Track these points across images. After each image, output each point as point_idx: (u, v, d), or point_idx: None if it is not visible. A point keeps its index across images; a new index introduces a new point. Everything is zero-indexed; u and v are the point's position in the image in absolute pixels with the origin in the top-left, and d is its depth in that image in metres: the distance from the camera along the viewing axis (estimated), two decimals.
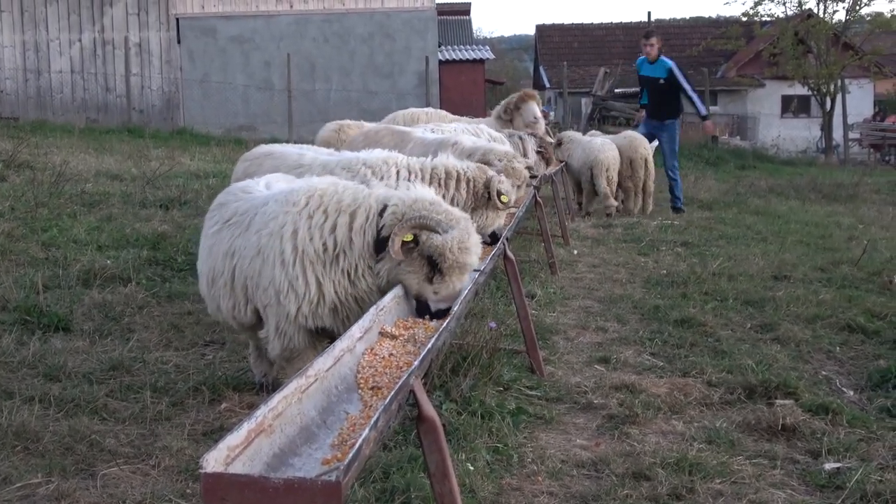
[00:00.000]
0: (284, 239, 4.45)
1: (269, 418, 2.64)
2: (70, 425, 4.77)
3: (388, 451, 4.58)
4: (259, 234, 4.59)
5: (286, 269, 4.43)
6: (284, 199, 4.62)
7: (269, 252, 4.50)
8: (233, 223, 4.90)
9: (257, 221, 4.65)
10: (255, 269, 4.57)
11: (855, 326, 7.48)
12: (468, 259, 4.26)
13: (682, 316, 7.63)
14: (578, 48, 49.04)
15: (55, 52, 28.09)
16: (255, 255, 4.56)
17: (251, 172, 6.82)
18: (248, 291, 4.67)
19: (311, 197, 4.52)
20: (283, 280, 4.44)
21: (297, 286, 4.41)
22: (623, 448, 4.97)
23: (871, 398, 5.95)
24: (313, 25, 28.25)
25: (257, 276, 4.56)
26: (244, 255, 4.65)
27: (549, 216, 12.04)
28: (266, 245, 4.53)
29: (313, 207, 4.46)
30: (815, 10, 35.73)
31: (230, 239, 4.82)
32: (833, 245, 11.67)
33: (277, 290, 4.48)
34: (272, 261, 4.49)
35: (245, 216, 4.81)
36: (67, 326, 6.54)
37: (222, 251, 4.85)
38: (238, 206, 4.98)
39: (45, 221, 9.69)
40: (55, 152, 16.38)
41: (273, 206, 4.65)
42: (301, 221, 4.44)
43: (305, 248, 4.38)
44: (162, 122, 27.31)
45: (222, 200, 5.22)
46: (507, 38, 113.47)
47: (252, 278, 4.60)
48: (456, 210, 4.38)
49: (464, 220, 4.33)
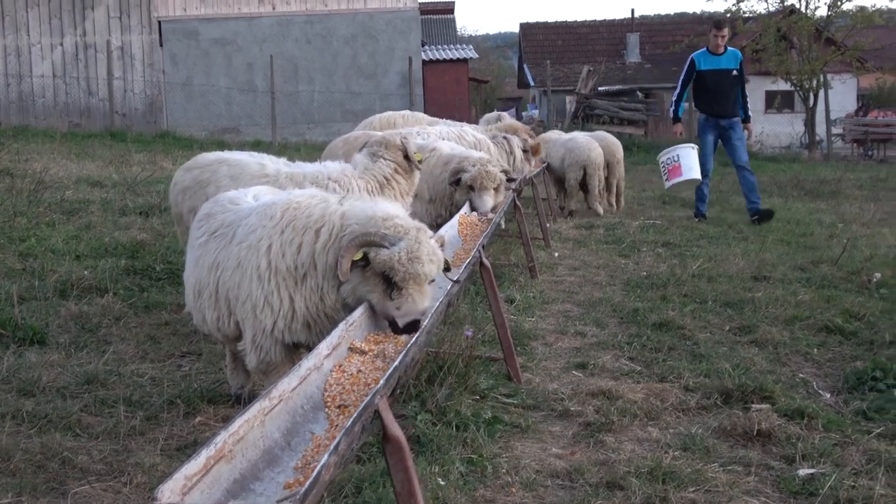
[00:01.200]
0: (260, 253, 4.44)
1: (230, 443, 2.63)
2: (42, 442, 4.75)
3: (361, 464, 4.57)
4: (239, 247, 4.58)
5: (262, 283, 4.42)
6: (263, 213, 4.62)
7: (248, 266, 4.49)
8: (218, 235, 4.89)
9: (239, 234, 4.64)
10: (235, 282, 4.56)
11: (833, 327, 7.50)
12: (420, 269, 4.15)
13: (661, 319, 7.64)
14: (562, 46, 49.12)
15: (37, 56, 28.00)
16: (236, 268, 4.55)
17: (204, 179, 6.77)
18: (231, 304, 4.66)
19: (286, 211, 4.51)
20: (260, 294, 4.43)
21: (272, 301, 4.40)
22: (598, 456, 4.97)
23: (847, 401, 5.96)
24: (296, 27, 28.23)
25: (237, 288, 4.55)
26: (227, 267, 4.64)
27: (530, 217, 12.07)
28: (245, 258, 4.52)
29: (286, 222, 4.45)
30: (798, 6, 35.80)
31: (215, 251, 4.81)
32: (814, 243, 11.69)
33: (254, 304, 4.47)
34: (249, 274, 4.48)
35: (230, 228, 4.80)
36: (43, 339, 6.50)
37: (208, 263, 4.84)
38: (224, 218, 4.97)
39: (23, 231, 9.66)
40: (36, 158, 16.33)
41: (253, 218, 4.65)
42: (275, 236, 4.43)
43: (278, 264, 4.38)
44: (145, 126, 27.24)
45: (209, 211, 5.20)
46: (491, 35, 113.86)
47: (232, 290, 4.59)
48: (409, 221, 4.31)
49: (414, 230, 4.24)
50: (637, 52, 47.42)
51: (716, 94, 13.73)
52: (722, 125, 13.80)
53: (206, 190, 6.63)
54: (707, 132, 13.90)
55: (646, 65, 46.35)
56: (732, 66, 13.79)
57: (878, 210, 15.48)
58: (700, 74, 13.87)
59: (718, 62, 13.78)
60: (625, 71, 45.23)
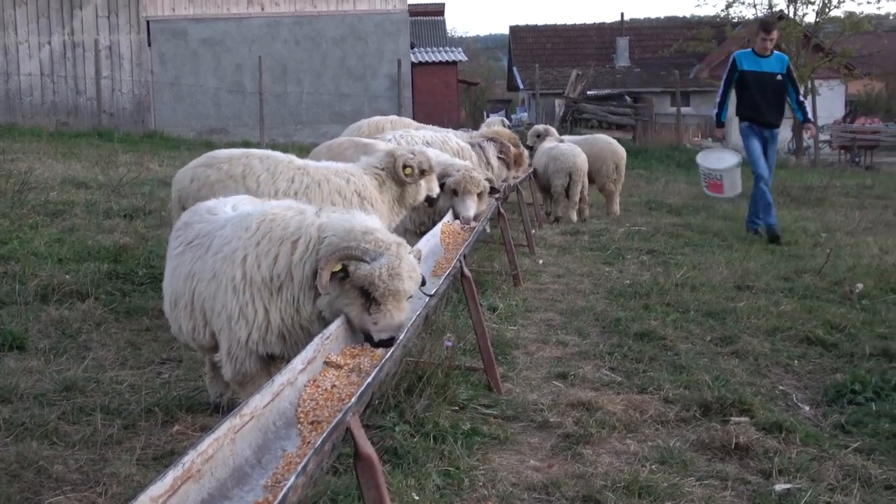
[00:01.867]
0: (235, 264, 4.43)
1: (198, 463, 2.62)
2: (18, 451, 4.72)
3: (337, 476, 4.56)
4: (215, 258, 4.57)
5: (237, 294, 4.41)
6: (238, 224, 4.60)
7: (223, 277, 4.48)
8: (194, 245, 4.87)
9: (215, 245, 4.62)
10: (210, 293, 4.55)
11: (814, 339, 7.51)
12: (400, 285, 4.14)
13: (643, 329, 7.65)
14: (552, 49, 49.19)
15: (24, 54, 27.91)
16: (211, 279, 4.54)
17: (238, 173, 6.90)
18: (206, 315, 4.64)
19: (262, 222, 4.50)
20: (235, 306, 4.42)
21: (246, 312, 4.39)
22: (575, 469, 4.97)
23: (826, 414, 5.98)
24: (284, 28, 28.20)
25: (212, 299, 4.53)
26: (202, 278, 4.62)
27: (515, 224, 12.07)
28: (220, 269, 4.51)
29: (262, 234, 4.43)
30: (786, 12, 35.89)
31: (191, 261, 4.79)
32: (798, 252, 11.72)
33: (229, 316, 4.45)
34: (224, 286, 4.46)
35: (206, 239, 4.78)
36: (22, 345, 6.47)
37: (184, 273, 4.82)
38: (201, 228, 4.95)
39: (6, 233, 9.61)
40: (22, 158, 16.27)
41: (229, 229, 4.64)
42: (251, 248, 4.42)
43: (253, 276, 4.36)
44: (133, 125, 27.17)
45: (187, 220, 5.18)
46: (482, 37, 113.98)
47: (208, 301, 4.58)
48: (390, 236, 4.29)
49: (395, 245, 4.22)
50: (626, 56, 47.52)
51: (759, 99, 12.77)
52: (765, 135, 12.92)
53: (244, 183, 6.76)
54: (751, 137, 12.89)
55: (635, 69, 46.43)
56: (778, 69, 12.81)
57: (863, 218, 15.55)
58: (742, 75, 12.85)
59: (762, 64, 12.80)
60: (614, 75, 45.29)
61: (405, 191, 7.25)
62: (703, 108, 42.45)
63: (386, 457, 4.86)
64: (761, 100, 12.73)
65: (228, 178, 6.82)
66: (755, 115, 12.83)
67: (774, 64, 12.80)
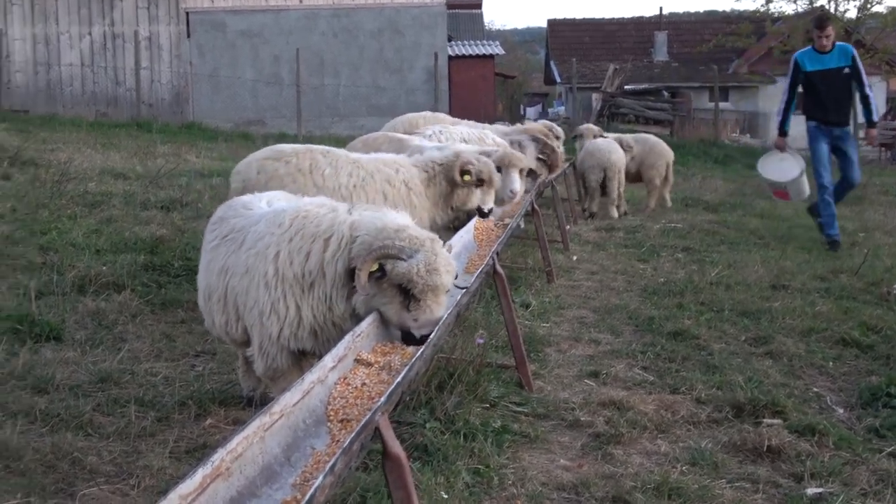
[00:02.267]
0: (268, 260, 4.46)
1: (227, 461, 2.64)
2: (53, 442, 4.78)
3: (367, 472, 4.57)
4: (248, 254, 4.60)
5: (269, 290, 4.43)
6: (272, 220, 4.63)
7: (255, 272, 4.51)
8: (229, 239, 4.91)
9: (248, 240, 4.66)
10: (243, 288, 4.58)
11: (849, 340, 7.44)
12: (438, 280, 4.16)
13: (677, 328, 7.61)
14: (590, 43, 48.93)
15: (65, 45, 28.19)
16: (244, 274, 4.57)
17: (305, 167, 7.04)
18: (239, 309, 4.68)
19: (295, 219, 4.53)
20: (267, 301, 4.45)
21: (278, 308, 4.42)
22: (605, 470, 4.96)
23: (860, 417, 5.93)
24: (322, 20, 28.28)
25: (245, 294, 4.57)
26: (235, 272, 4.66)
27: (550, 219, 12.05)
28: (253, 265, 4.54)
29: (295, 230, 4.46)
30: (827, 7, 35.49)
31: (225, 255, 4.83)
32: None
33: (261, 311, 4.48)
34: (257, 281, 4.50)
35: (240, 234, 4.82)
36: (59, 336, 6.54)
37: (217, 268, 4.87)
38: (236, 223, 4.99)
39: (45, 224, 9.71)
40: (62, 148, 16.45)
41: (262, 225, 4.67)
42: (283, 244, 4.44)
43: (285, 272, 4.39)
44: (171, 116, 27.37)
45: (222, 215, 5.22)
46: (519, 30, 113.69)
47: (241, 296, 4.62)
48: (423, 232, 4.30)
49: (429, 241, 4.24)
50: (664, 51, 47.18)
51: (827, 98, 11.97)
52: (836, 134, 12.11)
53: (311, 177, 6.89)
54: (819, 139, 12.14)
55: (673, 64, 46.10)
56: (844, 63, 11.95)
57: None
58: (807, 77, 12.05)
59: (826, 61, 11.95)
60: (652, 70, 45.01)
61: (454, 192, 7.20)
62: (741, 104, 42.17)
63: (416, 454, 4.88)
64: (830, 98, 11.97)
65: (297, 171, 6.95)
66: (823, 114, 12.09)
67: (839, 58, 11.99)
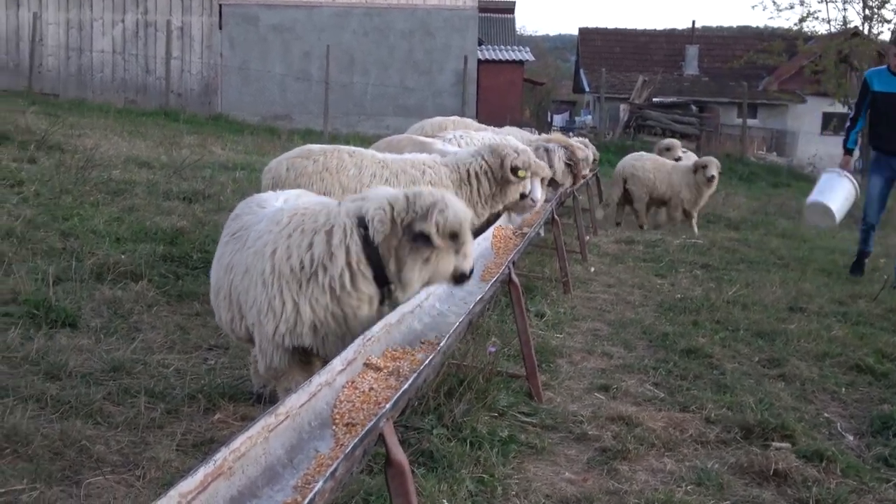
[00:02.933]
0: (265, 258, 4.48)
1: (230, 460, 2.65)
2: (62, 429, 4.81)
3: (372, 475, 4.58)
4: (248, 253, 4.64)
5: (266, 288, 4.45)
6: (271, 218, 4.67)
7: (254, 271, 4.54)
8: (236, 237, 4.93)
9: (250, 239, 4.69)
10: (244, 287, 4.61)
11: (864, 367, 7.40)
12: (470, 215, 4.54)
13: (690, 345, 7.59)
14: (620, 53, 48.88)
15: (98, 31, 28.37)
16: (245, 273, 4.61)
17: (332, 166, 7.20)
18: (242, 308, 4.70)
19: (294, 216, 4.56)
20: (264, 299, 4.47)
21: (274, 305, 4.43)
22: (610, 485, 4.95)
23: (870, 445, 5.89)
24: (354, 18, 28.35)
25: (245, 294, 4.60)
26: (238, 271, 4.69)
27: (570, 228, 12.04)
28: (251, 263, 4.57)
29: (293, 227, 4.49)
30: (861, 29, 35.34)
31: (231, 253, 4.86)
32: (855, 276, 11.54)
33: (259, 310, 4.51)
34: (255, 280, 4.52)
35: (246, 232, 4.84)
36: (74, 323, 6.58)
37: (224, 264, 4.89)
38: (246, 221, 5.01)
39: (68, 209, 9.78)
40: (89, 134, 16.55)
41: (263, 224, 4.70)
42: (280, 240, 4.47)
43: (281, 268, 4.40)
44: (199, 107, 27.52)
45: (239, 211, 5.25)
46: (551, 37, 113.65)
47: (242, 295, 4.64)
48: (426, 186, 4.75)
49: (439, 191, 4.58)
50: (695, 65, 47.08)
51: (890, 124, 11.00)
52: (894, 167, 11.22)
53: (338, 177, 7.05)
54: (876, 171, 11.35)
55: (703, 78, 45.99)
56: None
57: None
58: (873, 97, 11.14)
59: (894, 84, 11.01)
60: (681, 83, 44.91)
61: (507, 190, 7.34)
62: (769, 122, 42.01)
63: (421, 459, 4.89)
64: (891, 124, 11.00)
65: (324, 170, 7.08)
66: (883, 143, 11.21)
67: None
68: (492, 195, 7.33)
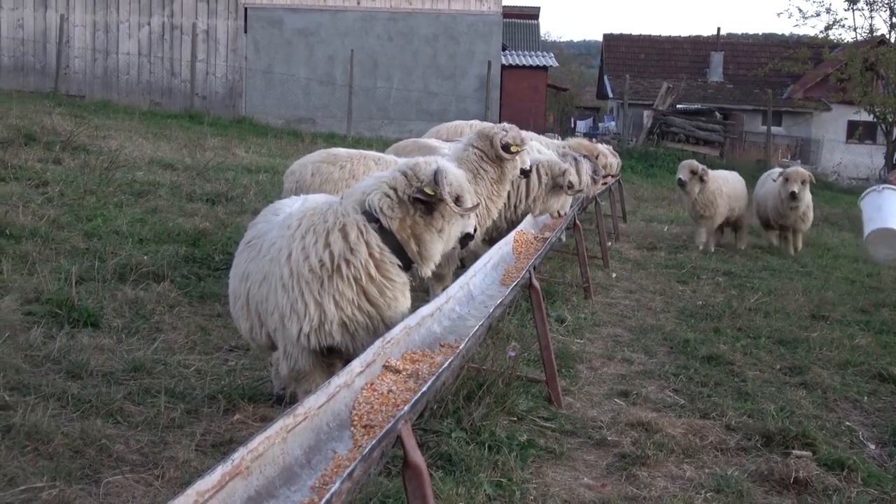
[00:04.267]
0: (281, 263, 4.51)
1: (248, 460, 2.66)
2: (82, 428, 4.84)
3: (391, 478, 4.58)
4: (263, 261, 4.67)
5: (287, 292, 4.47)
6: (283, 224, 4.70)
7: (272, 277, 4.56)
8: (251, 245, 4.96)
9: (264, 247, 4.72)
10: (263, 295, 4.63)
11: (886, 376, 7.36)
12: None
13: (711, 352, 7.56)
14: (645, 59, 48.67)
15: (124, 33, 28.51)
16: (262, 281, 4.64)
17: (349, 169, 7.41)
18: (261, 316, 4.72)
19: (303, 219, 4.58)
20: (286, 304, 4.48)
21: (297, 308, 4.45)
22: (629, 491, 4.93)
23: (892, 454, 5.85)
24: (379, 23, 28.38)
25: (265, 301, 4.61)
26: (255, 280, 4.71)
27: (592, 234, 12.01)
28: (269, 270, 4.60)
29: (304, 229, 4.51)
30: (887, 37, 35.08)
31: (246, 262, 4.89)
32: (879, 284, 11.48)
33: (281, 314, 4.52)
34: (274, 286, 4.54)
35: (260, 240, 4.87)
36: (96, 322, 6.62)
37: (240, 273, 4.93)
38: (260, 228, 5.04)
39: (91, 210, 9.84)
40: (113, 136, 16.64)
41: (275, 231, 4.73)
42: (294, 244, 4.49)
43: (300, 270, 4.42)
44: (223, 110, 27.61)
45: (257, 219, 5.28)
46: (575, 42, 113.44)
47: (262, 303, 4.66)
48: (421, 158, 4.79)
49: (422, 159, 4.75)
50: (720, 72, 46.82)
51: None
52: None
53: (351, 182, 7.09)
54: None
55: (728, 85, 45.76)
56: None
57: None
58: None
59: None
60: (706, 90, 44.71)
61: (505, 168, 7.42)
62: (793, 130, 41.75)
63: (440, 462, 4.89)
64: None
65: (350, 176, 7.13)
66: None
67: None
68: (497, 178, 7.41)
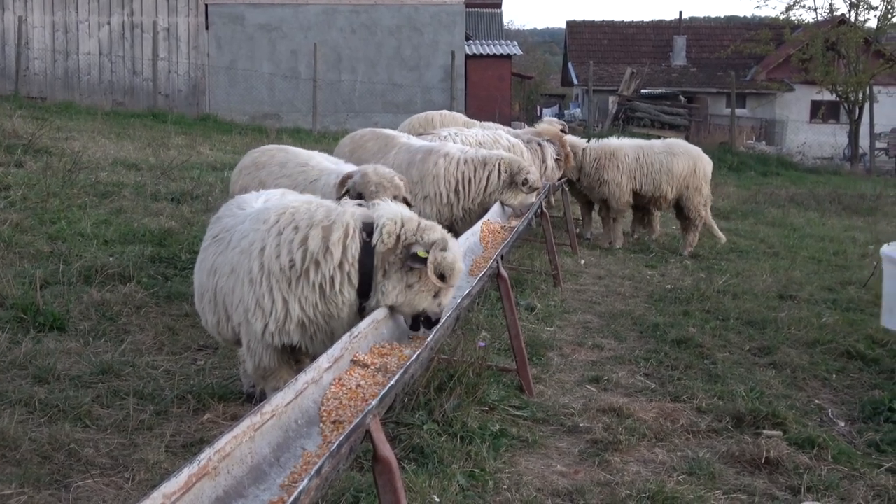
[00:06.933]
0: (252, 257, 4.46)
1: (215, 460, 2.64)
2: (50, 433, 4.79)
3: (363, 472, 4.57)
4: (233, 253, 4.61)
5: (254, 287, 4.43)
6: (256, 217, 4.64)
7: (240, 270, 4.52)
8: (218, 239, 4.91)
9: (234, 240, 4.66)
10: (230, 288, 4.58)
11: (854, 353, 7.41)
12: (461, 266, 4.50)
13: (681, 336, 7.59)
14: (608, 45, 48.80)
15: (84, 33, 28.23)
16: (230, 274, 4.58)
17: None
18: (228, 309, 4.68)
19: (283, 214, 4.53)
20: (252, 298, 4.45)
21: (263, 304, 4.41)
22: (601, 477, 4.95)
23: (861, 431, 5.90)
24: (341, 16, 28.27)
25: (231, 294, 4.57)
26: (223, 273, 4.66)
27: (560, 221, 12.02)
28: (237, 263, 4.55)
29: (283, 224, 4.46)
30: (847, 17, 35.32)
31: (214, 256, 4.84)
32: (845, 263, 11.57)
33: (246, 308, 4.48)
34: (242, 279, 4.50)
35: (228, 234, 4.81)
36: (63, 326, 6.56)
37: (207, 268, 4.87)
38: (227, 223, 4.98)
39: (55, 213, 9.74)
40: (76, 137, 16.47)
41: (247, 224, 4.68)
42: (269, 238, 4.44)
43: (271, 266, 4.38)
44: (187, 108, 27.41)
45: (220, 214, 5.23)
46: (539, 30, 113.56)
47: (228, 296, 4.61)
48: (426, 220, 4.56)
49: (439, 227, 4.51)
50: (683, 56, 46.99)
51: None
52: None
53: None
54: None
55: (691, 68, 45.95)
56: None
57: None
58: None
59: None
60: (670, 74, 44.87)
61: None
62: (758, 111, 42.02)
63: (412, 455, 4.88)
64: None
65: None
66: None
67: None
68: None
